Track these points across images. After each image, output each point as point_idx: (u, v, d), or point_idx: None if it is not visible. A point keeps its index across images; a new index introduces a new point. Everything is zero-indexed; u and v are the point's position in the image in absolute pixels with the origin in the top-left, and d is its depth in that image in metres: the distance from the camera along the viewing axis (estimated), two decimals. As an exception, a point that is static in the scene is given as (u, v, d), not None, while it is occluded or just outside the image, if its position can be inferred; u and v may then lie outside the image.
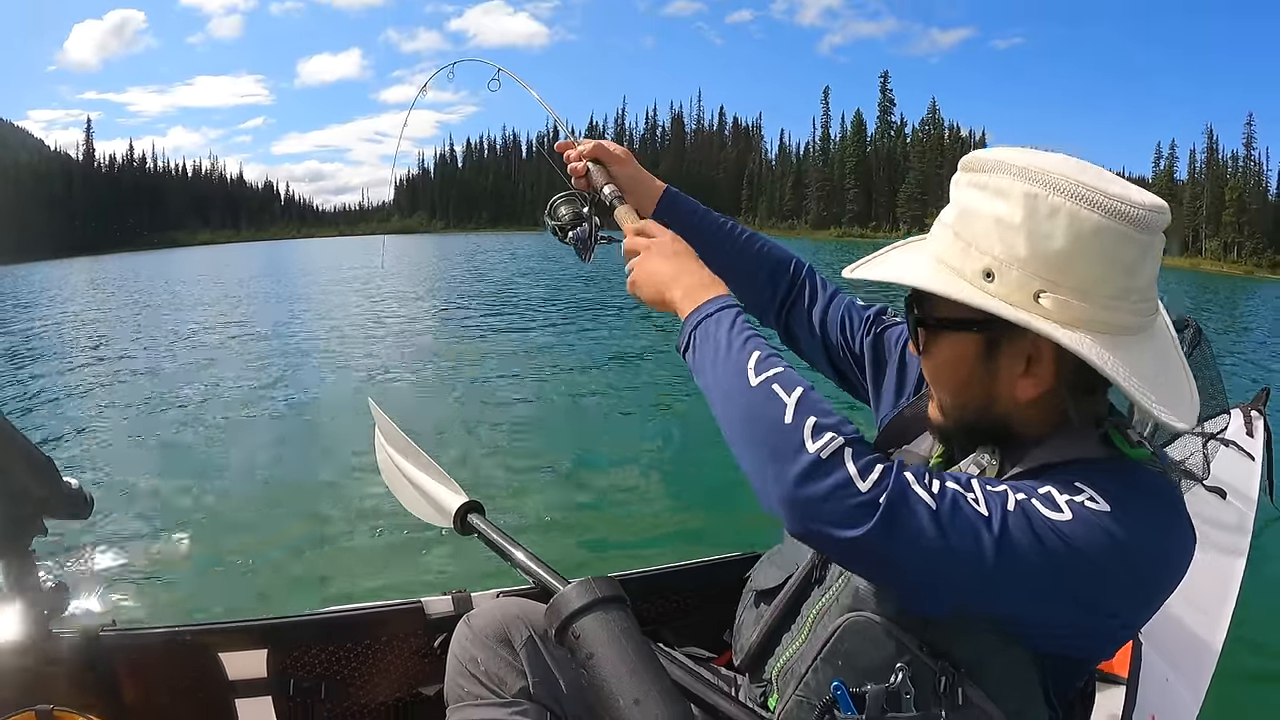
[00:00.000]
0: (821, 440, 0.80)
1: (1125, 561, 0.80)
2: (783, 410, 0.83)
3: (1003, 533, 0.78)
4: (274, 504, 4.83)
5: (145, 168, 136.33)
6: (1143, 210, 0.83)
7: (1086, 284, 0.83)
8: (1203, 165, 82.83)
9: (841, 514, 0.78)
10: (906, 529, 0.77)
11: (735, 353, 0.92)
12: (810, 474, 0.79)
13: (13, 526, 1.32)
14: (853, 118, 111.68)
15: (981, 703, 0.89)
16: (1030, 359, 0.89)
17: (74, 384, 9.32)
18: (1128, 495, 0.82)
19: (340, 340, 12.37)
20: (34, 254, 77.09)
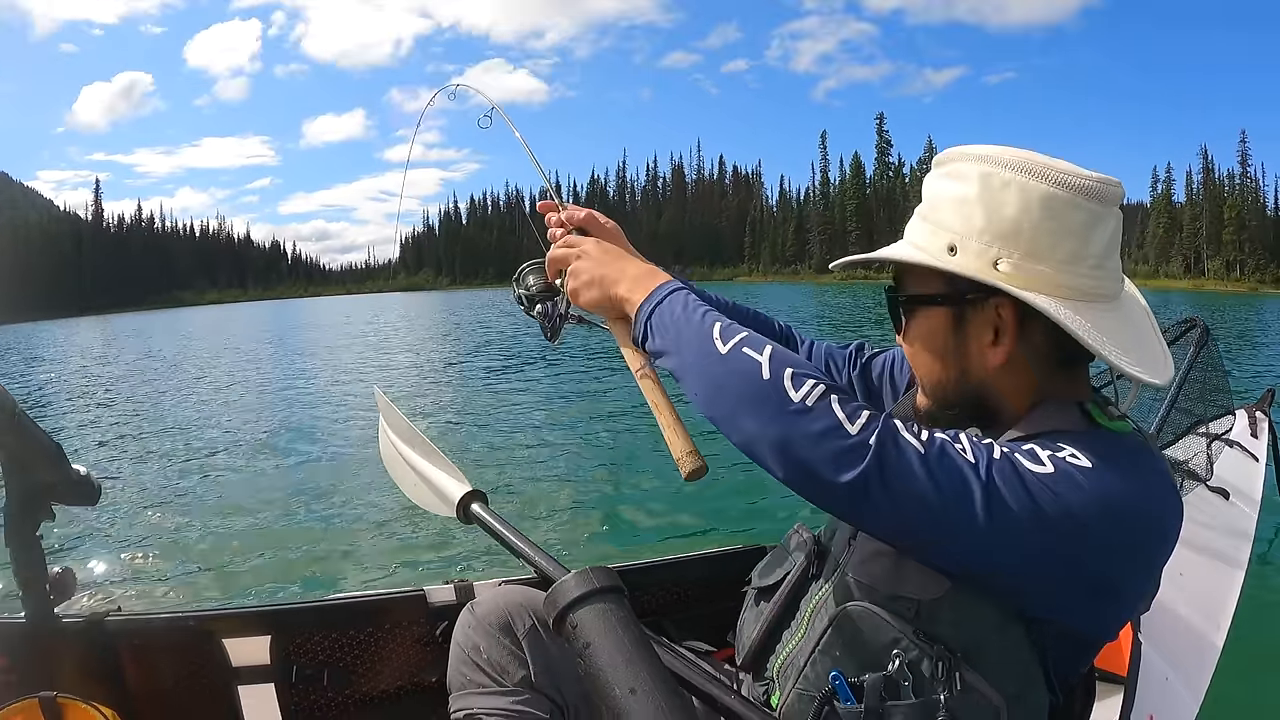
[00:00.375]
0: (805, 387, 0.82)
1: (1109, 516, 0.80)
2: (758, 367, 0.86)
3: (989, 478, 0.79)
4: (279, 493, 4.87)
5: (153, 228, 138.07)
6: (1088, 180, 0.88)
7: (1039, 248, 0.88)
8: (1199, 186, 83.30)
9: (833, 457, 0.79)
10: (897, 471, 0.78)
11: (697, 327, 0.94)
12: (798, 420, 0.81)
13: (21, 511, 1.32)
14: (851, 160, 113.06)
15: (980, 686, 0.88)
16: (997, 329, 0.93)
17: (88, 420, 9.38)
18: (1109, 456, 0.83)
19: (346, 352, 12.42)
20: (43, 313, 77.74)
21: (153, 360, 15.15)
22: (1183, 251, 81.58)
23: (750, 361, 0.87)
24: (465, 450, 5.74)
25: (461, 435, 6.25)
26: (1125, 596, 0.88)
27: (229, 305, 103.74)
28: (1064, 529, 0.79)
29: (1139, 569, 0.86)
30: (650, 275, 1.07)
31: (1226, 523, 2.15)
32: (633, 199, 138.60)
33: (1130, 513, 0.82)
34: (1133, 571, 0.85)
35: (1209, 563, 1.85)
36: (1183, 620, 1.64)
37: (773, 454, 0.83)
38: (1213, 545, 1.96)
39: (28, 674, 1.35)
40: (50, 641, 1.40)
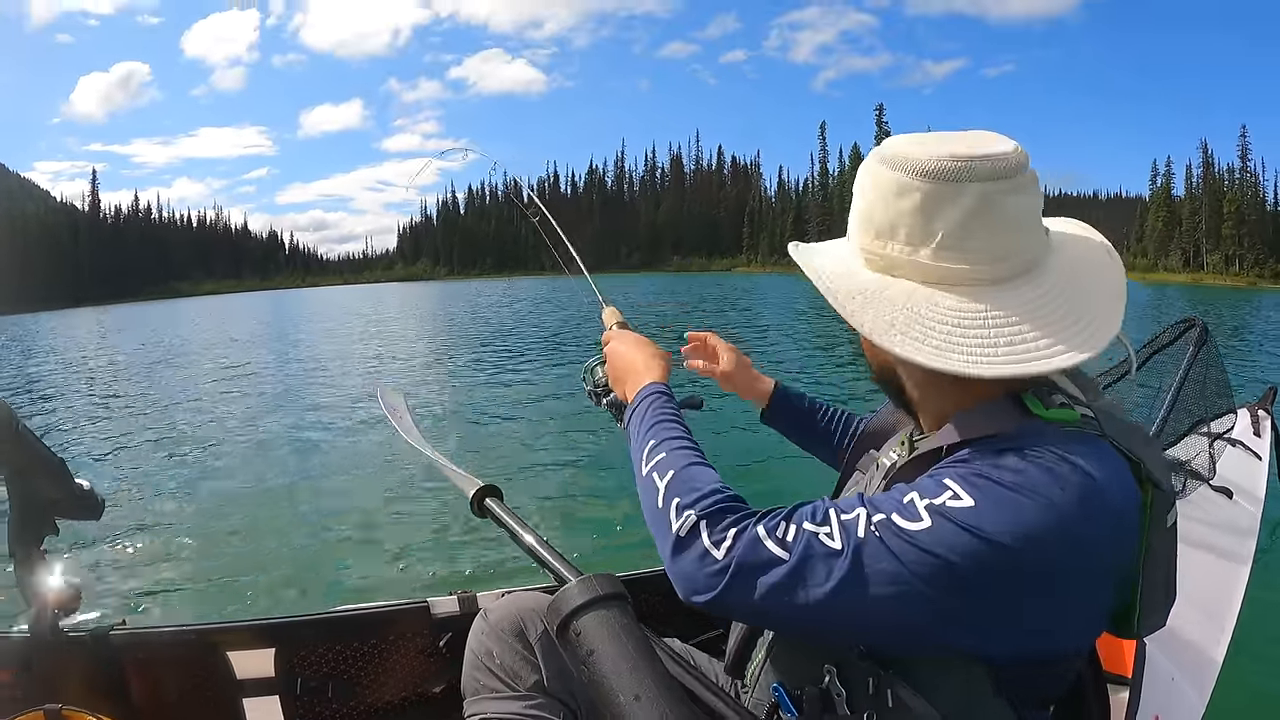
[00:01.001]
0: (680, 519, 0.87)
1: (996, 557, 0.76)
2: (656, 496, 0.92)
3: (853, 563, 0.78)
4: (283, 506, 4.86)
5: (150, 218, 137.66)
6: (929, 160, 0.85)
7: (912, 235, 0.87)
8: (1199, 180, 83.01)
9: (702, 581, 0.83)
10: (756, 586, 0.81)
11: (638, 445, 1.03)
12: (676, 551, 0.86)
13: (25, 525, 1.33)
14: (850, 151, 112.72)
15: (913, 702, 0.86)
16: None
17: (87, 414, 9.37)
18: (1004, 480, 0.79)
19: (348, 357, 12.43)
20: (39, 304, 77.63)
21: (150, 357, 15.07)
22: (1181, 245, 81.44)
23: (654, 489, 0.93)
24: (469, 449, 5.75)
25: (465, 432, 6.24)
26: (1056, 620, 0.84)
27: (226, 296, 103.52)
28: (946, 583, 0.77)
29: (1057, 590, 0.80)
30: (637, 379, 1.19)
31: (1230, 522, 2.14)
32: (631, 189, 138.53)
33: (1025, 543, 0.77)
34: (1048, 596, 0.80)
35: (1213, 562, 1.85)
36: (1187, 620, 1.64)
37: (667, 571, 0.87)
38: (1217, 544, 1.96)
39: (33, 687, 1.36)
40: (55, 655, 1.40)
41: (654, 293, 40.87)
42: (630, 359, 1.24)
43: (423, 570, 3.86)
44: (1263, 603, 2.03)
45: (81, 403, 10.02)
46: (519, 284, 69.13)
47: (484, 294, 47.43)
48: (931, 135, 0.91)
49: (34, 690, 1.35)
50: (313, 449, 6.09)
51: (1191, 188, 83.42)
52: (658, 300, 32.95)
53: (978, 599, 0.78)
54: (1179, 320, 2.96)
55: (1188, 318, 2.90)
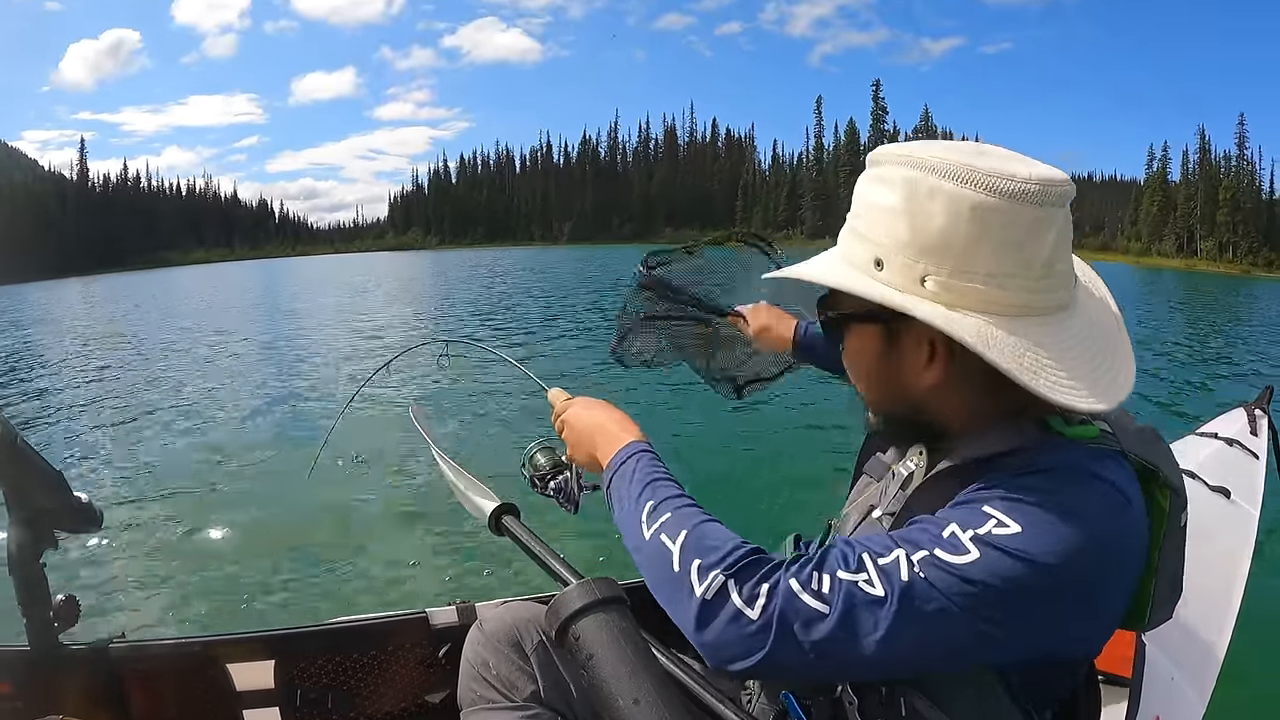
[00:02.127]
0: (706, 581, 0.81)
1: (1048, 578, 0.76)
2: (670, 559, 0.85)
3: (901, 607, 0.75)
4: (281, 517, 4.83)
5: (139, 187, 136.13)
6: (1025, 184, 0.80)
7: (968, 264, 0.82)
8: (1195, 166, 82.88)
9: (739, 645, 0.79)
10: (800, 642, 0.77)
11: (633, 508, 0.95)
12: (704, 616, 0.80)
13: (24, 539, 1.32)
14: (846, 126, 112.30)
15: (928, 713, 0.86)
16: (932, 347, 0.89)
17: (79, 400, 9.32)
18: (1043, 499, 0.79)
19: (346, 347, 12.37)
20: (27, 274, 76.94)
21: (141, 345, 14.88)
22: (1175, 230, 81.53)
23: (666, 552, 0.86)
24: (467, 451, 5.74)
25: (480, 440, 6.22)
26: (1088, 627, 0.86)
27: (216, 265, 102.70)
28: (1001, 614, 0.76)
29: (1095, 599, 0.82)
30: (616, 437, 1.09)
31: (1228, 522, 2.16)
32: (624, 160, 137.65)
33: (1072, 559, 0.77)
34: (1088, 605, 0.81)
35: (1212, 562, 1.86)
36: (1187, 620, 1.65)
37: (692, 640, 0.82)
38: (1215, 545, 1.97)
39: (32, 701, 1.36)
40: (55, 668, 1.40)
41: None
42: (598, 421, 1.15)
43: (421, 580, 3.87)
44: (1261, 602, 2.05)
45: (71, 392, 9.89)
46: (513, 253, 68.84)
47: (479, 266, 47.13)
48: (970, 148, 0.85)
49: (34, 703, 1.35)
50: (312, 455, 6.07)
51: (1188, 173, 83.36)
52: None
53: (1024, 621, 0.78)
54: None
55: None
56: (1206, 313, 20.98)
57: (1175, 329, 16.92)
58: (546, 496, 1.42)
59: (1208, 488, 2.28)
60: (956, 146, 0.85)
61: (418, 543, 4.23)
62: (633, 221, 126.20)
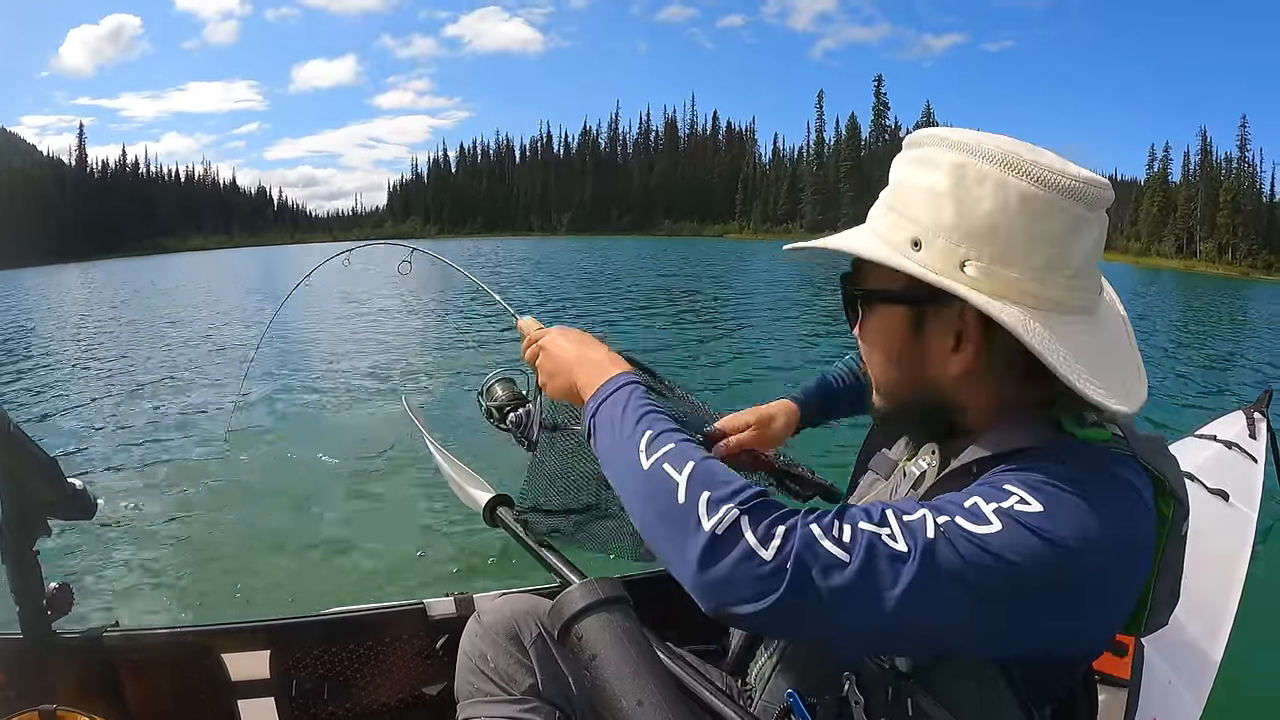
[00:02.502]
0: (717, 515, 0.76)
1: (1064, 562, 0.76)
2: (675, 489, 0.80)
3: (924, 565, 0.73)
4: (277, 506, 4.82)
5: (138, 173, 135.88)
6: (1075, 181, 0.82)
7: (1011, 253, 0.82)
8: (1197, 167, 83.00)
9: (749, 587, 0.74)
10: (818, 588, 0.73)
11: (628, 437, 0.89)
12: (711, 552, 0.75)
13: (17, 526, 1.31)
14: (847, 121, 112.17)
15: (934, 711, 0.86)
16: (960, 334, 0.88)
17: (73, 386, 9.29)
18: (1064, 486, 0.79)
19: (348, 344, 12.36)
20: (25, 259, 76.74)
21: (138, 332, 14.81)
22: (1175, 231, 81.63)
23: (669, 482, 0.81)
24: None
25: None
26: (1091, 625, 0.84)
27: (214, 252, 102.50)
28: (1019, 589, 0.75)
29: (1106, 595, 0.81)
30: (602, 367, 1.03)
31: (1226, 525, 2.17)
32: (624, 151, 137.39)
33: (1089, 554, 0.77)
34: (1099, 602, 0.81)
35: (1210, 565, 1.86)
36: (1185, 623, 1.65)
37: (690, 580, 0.78)
38: (1213, 547, 1.97)
39: (25, 690, 1.36)
40: (48, 657, 1.40)
41: (643, 260, 40.62)
42: (583, 350, 1.09)
43: (419, 571, 3.86)
44: (1259, 605, 2.05)
45: (65, 378, 9.86)
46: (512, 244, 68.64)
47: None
48: (1023, 144, 0.85)
49: (27, 692, 1.34)
50: (311, 448, 6.05)
51: (1189, 174, 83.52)
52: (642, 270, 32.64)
53: (1035, 603, 0.77)
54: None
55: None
56: (1205, 315, 20.97)
57: (1174, 330, 16.90)
58: (502, 430, 1.36)
59: (1206, 490, 2.28)
60: (1009, 139, 0.85)
61: (415, 533, 4.22)
62: (632, 213, 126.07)
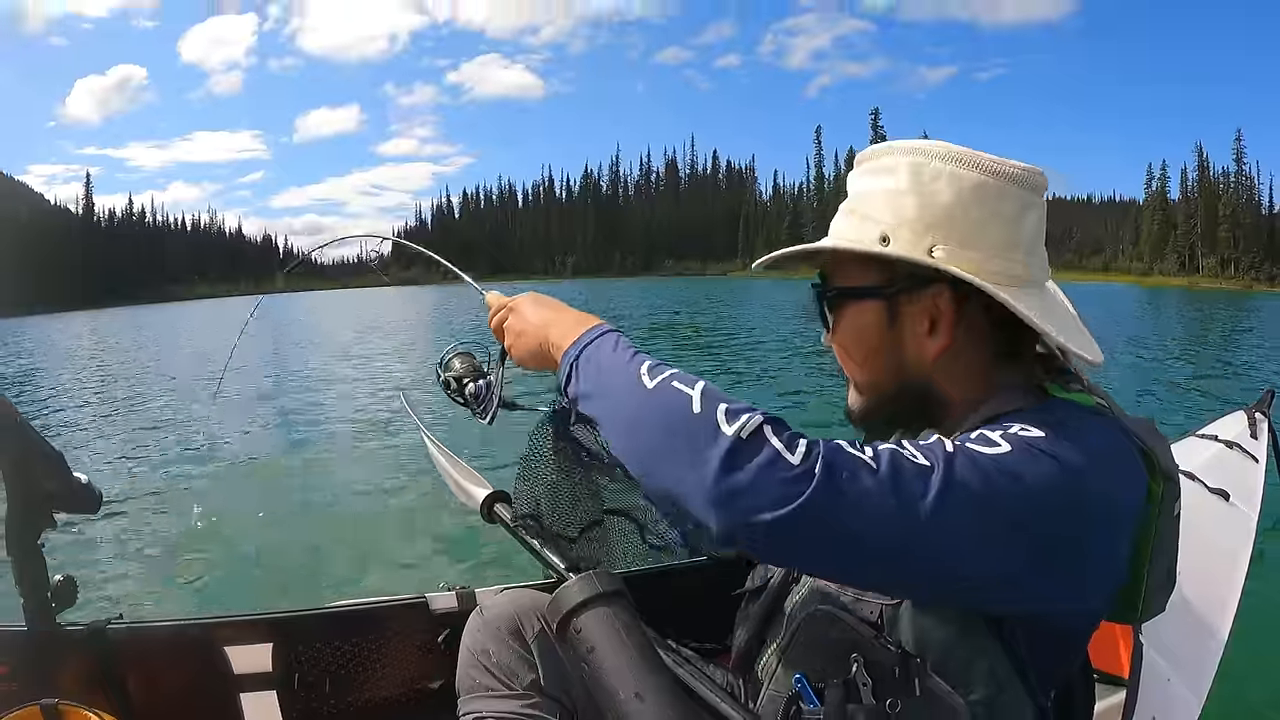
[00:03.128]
0: (739, 421, 0.74)
1: (1071, 483, 0.77)
2: (688, 401, 0.78)
3: (947, 477, 0.73)
4: (281, 501, 4.84)
5: (144, 222, 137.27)
6: (1017, 169, 0.91)
7: (971, 236, 0.90)
8: (1195, 184, 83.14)
9: (774, 489, 0.70)
10: (847, 492, 0.71)
11: (623, 366, 0.87)
12: (734, 457, 0.72)
13: (22, 519, 1.33)
14: (845, 155, 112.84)
15: (940, 691, 0.86)
16: (932, 319, 0.93)
17: (84, 392, 9.29)
18: (1061, 422, 0.82)
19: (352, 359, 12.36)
20: (33, 307, 77.17)
21: (147, 355, 14.89)
22: (1177, 249, 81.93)
23: (680, 395, 0.79)
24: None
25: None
26: (1092, 572, 0.84)
27: (221, 300, 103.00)
28: (1031, 505, 0.76)
29: (1102, 539, 0.82)
30: (581, 321, 1.00)
31: (1227, 524, 2.15)
32: (626, 194, 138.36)
33: (1094, 478, 0.80)
34: (1096, 542, 0.81)
35: (1210, 564, 1.85)
36: (1184, 622, 1.63)
37: (705, 492, 0.73)
38: (1213, 547, 1.96)
39: (29, 681, 1.36)
40: (52, 649, 1.40)
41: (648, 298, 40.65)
42: (555, 313, 1.05)
43: (421, 565, 3.84)
44: (1259, 605, 2.04)
45: (74, 398, 9.93)
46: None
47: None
48: (947, 145, 0.94)
49: (30, 685, 1.34)
50: (311, 443, 6.06)
51: (1187, 191, 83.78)
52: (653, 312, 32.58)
53: (1052, 526, 0.78)
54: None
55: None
56: (1209, 325, 20.94)
57: (1174, 341, 16.89)
58: (457, 404, 1.33)
59: (1207, 489, 2.27)
60: (943, 142, 0.94)
61: (418, 527, 4.21)
62: (635, 254, 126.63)
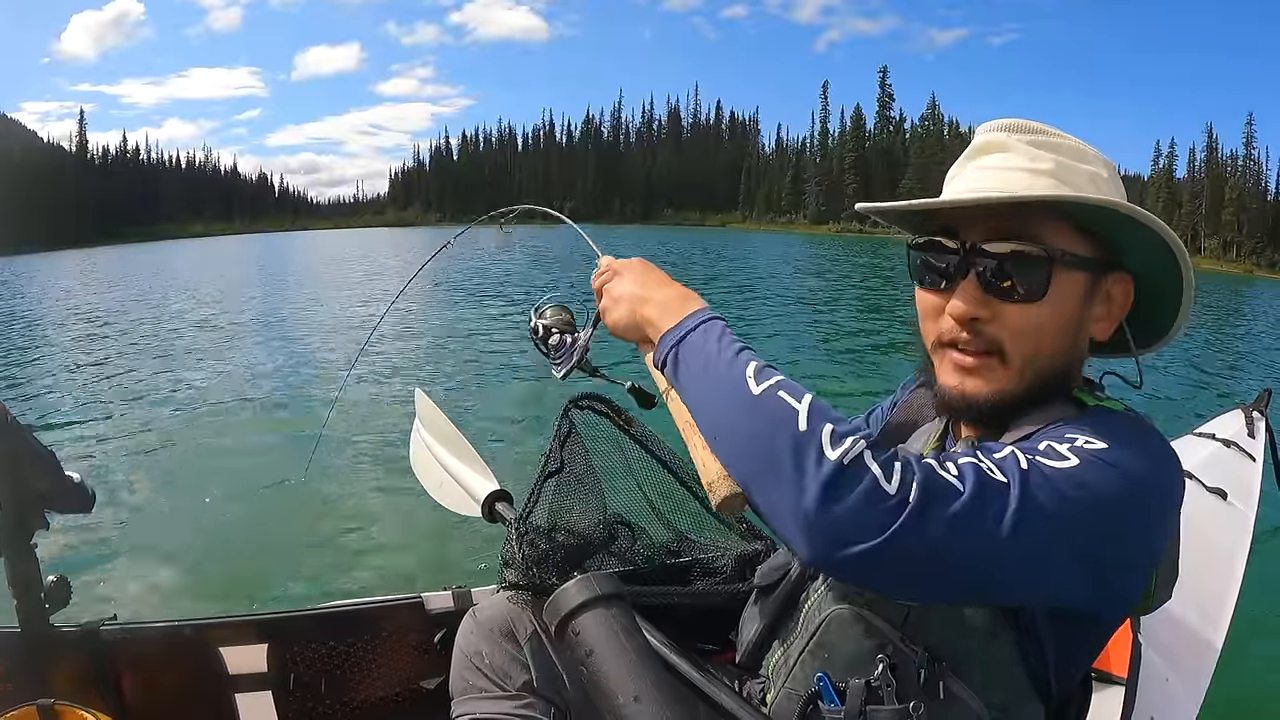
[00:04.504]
0: (843, 446, 0.73)
1: (1135, 491, 0.79)
2: (795, 417, 0.76)
3: (1023, 495, 0.74)
4: (277, 499, 4.82)
5: (139, 159, 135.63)
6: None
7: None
8: (1202, 164, 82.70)
9: (872, 521, 0.71)
10: (937, 519, 0.71)
11: (729, 363, 0.85)
12: (834, 485, 0.72)
13: (15, 519, 1.31)
14: (852, 112, 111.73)
15: (963, 695, 0.88)
16: (1109, 298, 0.93)
17: (74, 377, 9.20)
18: (1114, 433, 0.82)
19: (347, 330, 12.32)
20: (24, 247, 76.47)
21: (140, 330, 14.69)
22: (1179, 228, 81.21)
23: (787, 408, 0.78)
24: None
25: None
26: (1138, 571, 0.87)
27: (215, 239, 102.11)
28: (1104, 517, 0.78)
29: (1154, 539, 0.86)
30: (684, 300, 0.98)
31: (1225, 523, 2.15)
32: (627, 141, 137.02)
33: (1150, 482, 0.82)
34: (1149, 542, 0.85)
35: (1208, 563, 1.86)
36: (1182, 622, 1.65)
37: (804, 519, 0.73)
38: (1211, 546, 1.97)
39: (23, 683, 1.35)
40: (46, 650, 1.40)
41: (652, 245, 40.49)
42: (658, 287, 1.02)
43: (416, 564, 3.85)
44: (1257, 604, 2.05)
45: (64, 368, 9.78)
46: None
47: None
48: None
49: (25, 686, 1.34)
50: (309, 439, 6.02)
51: (1194, 171, 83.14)
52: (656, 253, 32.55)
53: (1117, 545, 0.80)
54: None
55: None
56: (1209, 313, 20.93)
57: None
58: (539, 350, 1.29)
59: (1204, 488, 2.27)
60: None
61: (414, 525, 4.20)
62: (635, 203, 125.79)
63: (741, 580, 1.50)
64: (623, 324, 1.04)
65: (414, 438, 1.95)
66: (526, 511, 1.43)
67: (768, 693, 1.10)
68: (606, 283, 1.09)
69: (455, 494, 1.73)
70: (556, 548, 1.38)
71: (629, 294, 1.03)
